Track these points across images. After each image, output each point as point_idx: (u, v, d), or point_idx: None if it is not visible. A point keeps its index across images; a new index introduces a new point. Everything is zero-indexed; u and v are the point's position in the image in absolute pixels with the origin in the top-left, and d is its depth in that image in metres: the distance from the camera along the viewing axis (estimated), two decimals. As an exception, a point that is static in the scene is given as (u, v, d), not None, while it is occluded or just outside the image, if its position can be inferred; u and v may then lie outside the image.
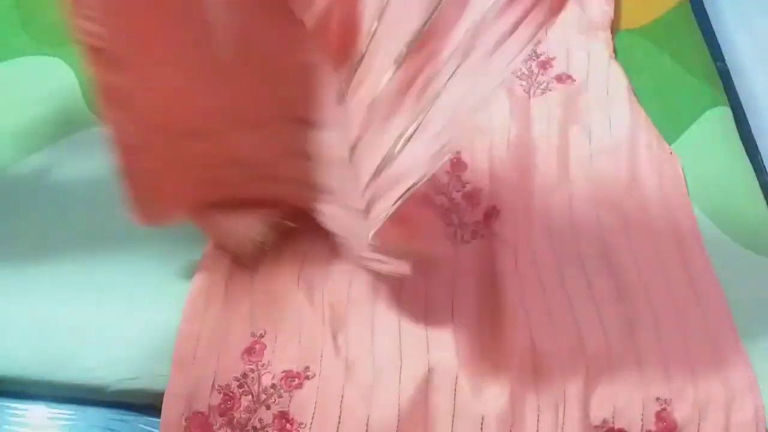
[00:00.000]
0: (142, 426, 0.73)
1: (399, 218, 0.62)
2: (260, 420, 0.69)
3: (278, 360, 0.72)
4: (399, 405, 0.69)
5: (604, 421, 0.70)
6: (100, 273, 0.79)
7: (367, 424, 0.68)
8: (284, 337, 0.74)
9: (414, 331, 0.74)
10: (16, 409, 0.74)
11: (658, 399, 0.70)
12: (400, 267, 0.69)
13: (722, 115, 0.99)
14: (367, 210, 0.64)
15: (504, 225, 0.83)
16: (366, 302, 0.76)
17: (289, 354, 0.73)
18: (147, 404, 0.72)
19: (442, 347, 0.72)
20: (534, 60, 1.05)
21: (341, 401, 0.69)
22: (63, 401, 0.75)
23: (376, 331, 0.74)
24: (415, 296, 0.77)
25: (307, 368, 0.72)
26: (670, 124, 0.97)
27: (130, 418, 0.74)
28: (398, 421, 0.68)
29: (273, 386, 0.70)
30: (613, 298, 0.78)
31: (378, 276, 0.75)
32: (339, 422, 0.68)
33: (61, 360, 0.73)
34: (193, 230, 0.81)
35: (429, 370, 0.71)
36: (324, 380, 0.71)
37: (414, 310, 0.76)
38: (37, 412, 0.74)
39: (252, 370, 0.71)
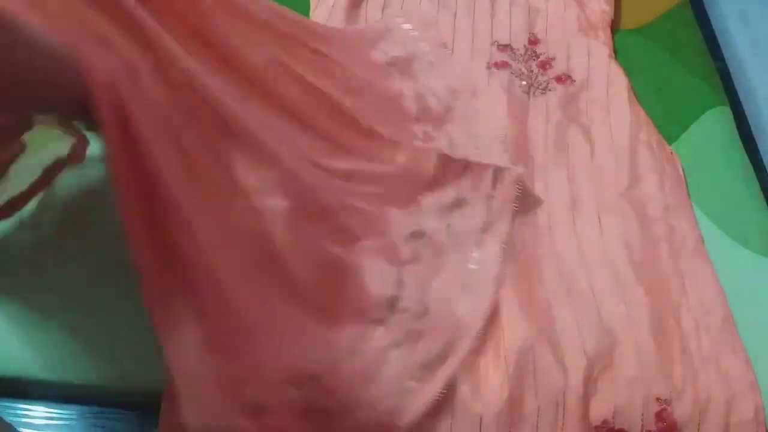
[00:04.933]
0: (142, 425, 0.73)
1: None
2: None
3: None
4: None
5: (605, 422, 0.70)
6: (101, 274, 0.79)
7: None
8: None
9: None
10: (16, 408, 0.74)
11: (658, 399, 0.70)
12: None
13: (722, 114, 0.99)
14: None
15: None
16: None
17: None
18: (147, 404, 0.72)
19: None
20: (534, 60, 1.05)
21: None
22: (63, 401, 0.75)
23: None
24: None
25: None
26: (671, 124, 0.97)
27: (130, 417, 0.74)
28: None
29: (273, 386, 0.70)
30: (613, 298, 0.78)
31: None
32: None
33: (62, 360, 0.73)
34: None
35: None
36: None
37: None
38: (37, 411, 0.74)
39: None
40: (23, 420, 0.73)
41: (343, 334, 0.69)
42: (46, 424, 0.73)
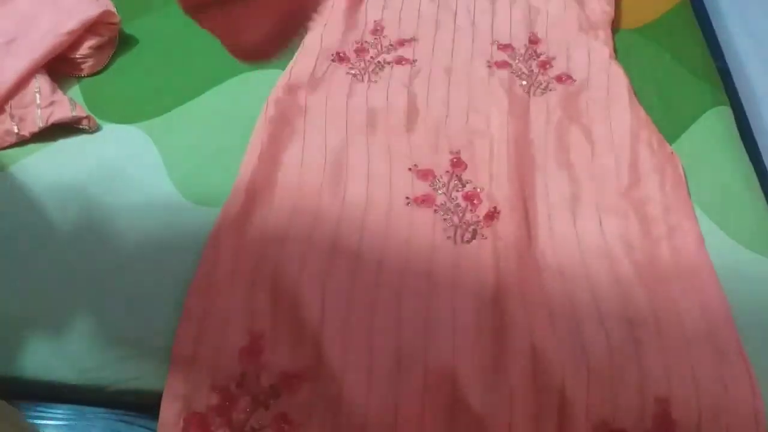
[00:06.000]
0: (140, 426, 0.73)
1: None
2: (258, 421, 0.69)
3: (277, 361, 0.72)
4: (397, 407, 0.69)
5: (604, 422, 0.69)
6: (100, 273, 0.79)
7: (365, 426, 0.68)
8: (283, 337, 0.74)
9: (413, 332, 0.74)
10: (16, 408, 0.74)
11: (657, 400, 0.70)
12: None
13: (723, 114, 0.99)
14: None
15: (504, 225, 0.83)
16: (366, 301, 0.76)
17: (288, 355, 0.72)
18: (146, 404, 0.72)
19: (441, 348, 0.72)
20: (534, 60, 1.05)
21: (339, 403, 0.69)
22: (62, 401, 0.75)
23: (375, 331, 0.74)
24: (416, 296, 0.77)
25: (306, 369, 0.71)
26: (671, 124, 0.97)
27: (129, 418, 0.74)
28: (396, 423, 0.68)
29: (271, 387, 0.70)
30: (613, 298, 0.78)
31: None
32: (337, 424, 0.68)
33: (61, 360, 0.73)
34: (193, 230, 0.82)
35: (428, 371, 0.71)
36: (323, 382, 0.70)
37: (414, 310, 0.76)
38: (37, 412, 0.74)
39: (250, 371, 0.71)
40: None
41: None
42: (46, 424, 0.73)
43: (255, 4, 0.49)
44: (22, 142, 0.92)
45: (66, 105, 0.93)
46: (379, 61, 1.04)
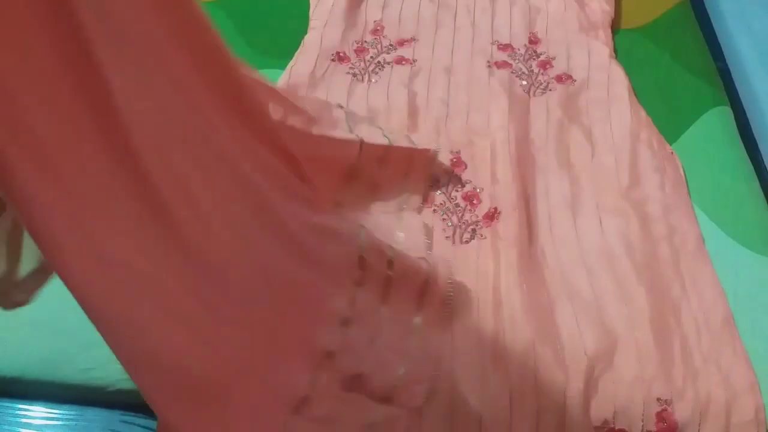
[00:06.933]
0: (140, 426, 0.73)
1: None
2: None
3: None
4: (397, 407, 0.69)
5: (605, 422, 0.69)
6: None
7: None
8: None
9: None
10: (16, 409, 0.74)
11: (658, 399, 0.70)
12: None
13: (723, 114, 0.99)
14: None
15: (505, 225, 0.83)
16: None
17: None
18: (146, 404, 0.72)
19: (441, 348, 0.72)
20: (534, 60, 1.05)
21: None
22: (63, 401, 0.75)
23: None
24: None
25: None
26: (671, 124, 0.97)
27: (129, 418, 0.74)
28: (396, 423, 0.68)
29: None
30: (614, 298, 0.78)
31: None
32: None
33: (61, 360, 0.73)
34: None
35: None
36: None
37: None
38: (37, 412, 0.74)
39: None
40: (22, 420, 0.73)
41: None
42: (46, 425, 0.73)
43: None
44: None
45: None
46: (379, 61, 1.04)
